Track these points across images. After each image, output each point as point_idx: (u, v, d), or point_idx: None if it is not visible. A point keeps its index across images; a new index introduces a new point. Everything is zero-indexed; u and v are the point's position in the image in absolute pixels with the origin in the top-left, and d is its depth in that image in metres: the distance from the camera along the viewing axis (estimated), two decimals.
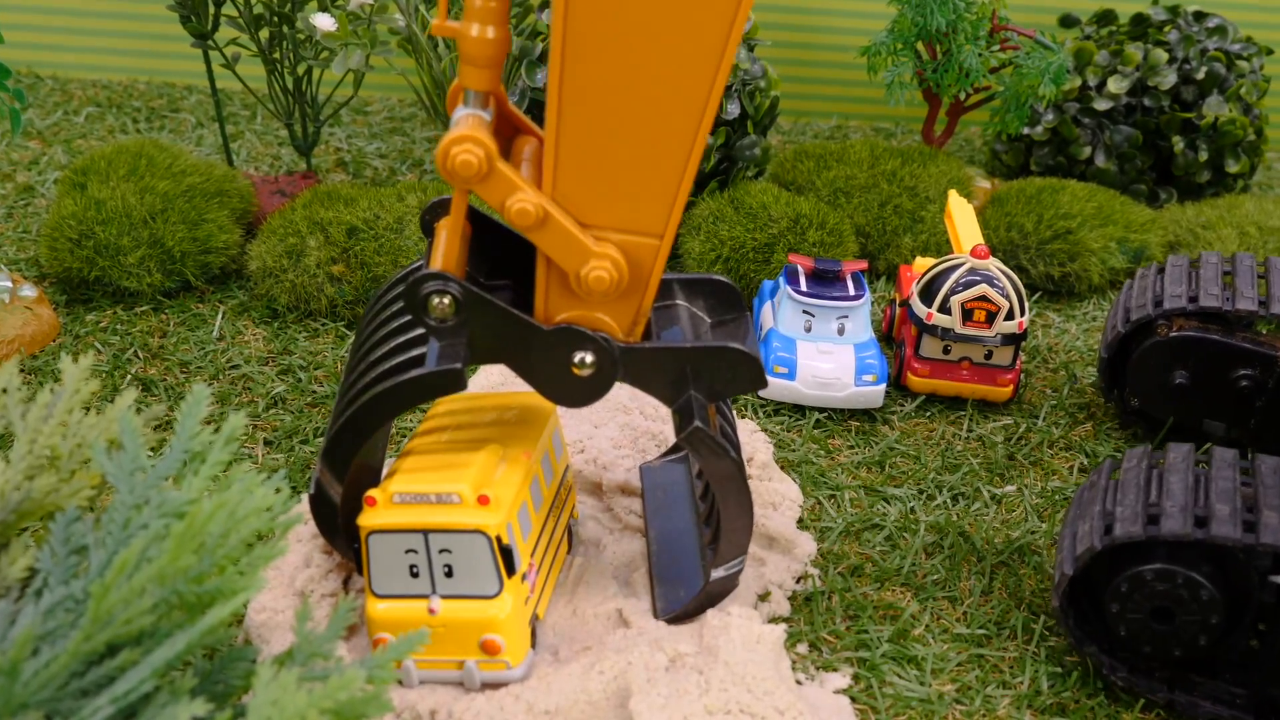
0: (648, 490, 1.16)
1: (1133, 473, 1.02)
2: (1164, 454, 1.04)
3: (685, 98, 0.82)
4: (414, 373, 0.89)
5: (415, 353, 0.92)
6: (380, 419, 0.92)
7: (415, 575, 0.92)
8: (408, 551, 0.91)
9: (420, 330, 0.94)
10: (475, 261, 0.96)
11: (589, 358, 0.90)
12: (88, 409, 0.84)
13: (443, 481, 0.91)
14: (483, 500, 0.90)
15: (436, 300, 0.87)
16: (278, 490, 0.72)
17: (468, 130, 0.83)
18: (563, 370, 0.91)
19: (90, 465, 0.79)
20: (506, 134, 0.96)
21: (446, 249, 0.89)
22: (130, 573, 0.67)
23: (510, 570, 0.91)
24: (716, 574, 0.99)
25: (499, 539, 0.90)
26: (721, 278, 1.01)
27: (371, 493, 0.91)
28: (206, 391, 0.77)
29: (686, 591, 1.03)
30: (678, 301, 1.02)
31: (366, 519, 0.91)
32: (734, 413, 1.06)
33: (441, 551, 0.90)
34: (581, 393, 0.93)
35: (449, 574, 0.91)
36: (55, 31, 2.24)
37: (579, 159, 0.84)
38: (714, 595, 1.01)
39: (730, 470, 0.94)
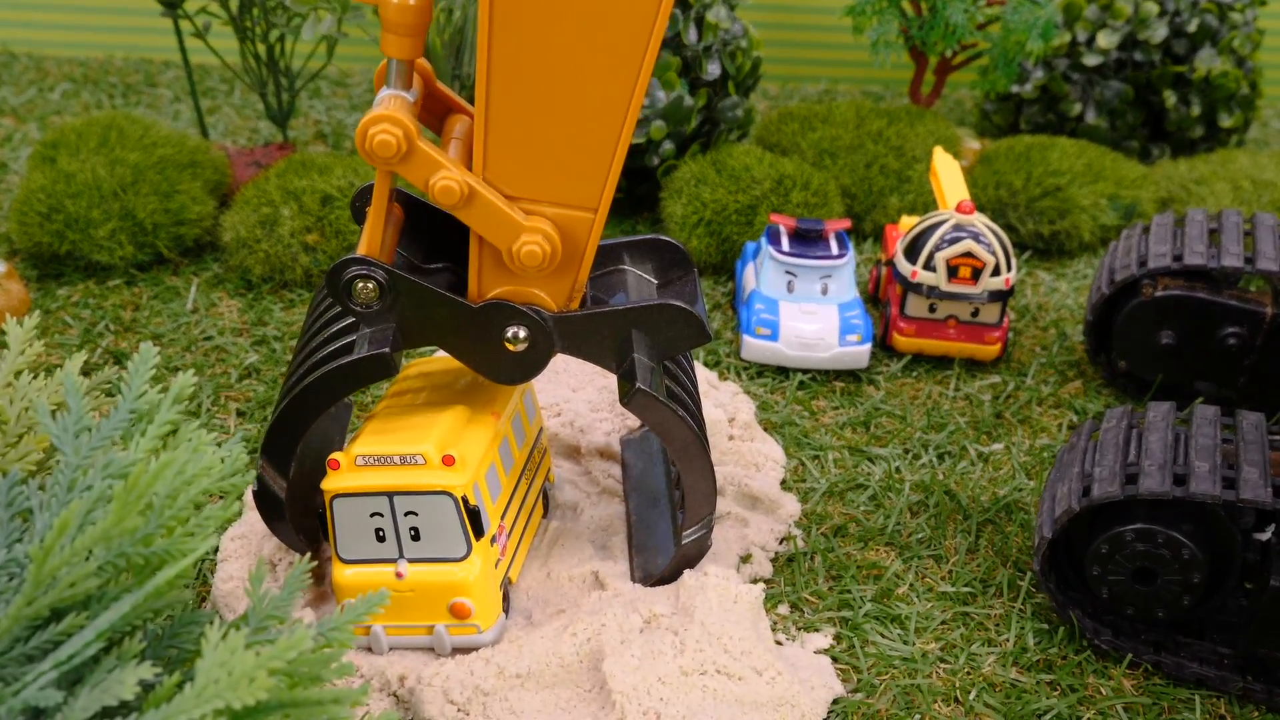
0: (627, 462, 1.14)
1: (1112, 433, 1.00)
2: (1144, 413, 1.01)
3: (617, 68, 0.79)
4: (340, 361, 0.88)
5: (348, 340, 0.90)
6: (314, 410, 0.90)
7: (381, 539, 0.90)
8: (373, 515, 0.89)
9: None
10: (412, 245, 0.95)
11: (521, 332, 0.89)
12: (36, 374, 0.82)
13: (407, 443, 0.89)
14: (448, 461, 0.88)
15: (360, 285, 0.86)
16: (223, 459, 0.69)
17: (385, 110, 0.81)
18: (496, 347, 0.90)
19: (37, 429, 0.77)
20: (439, 113, 0.94)
21: (370, 233, 0.87)
22: (73, 535, 0.65)
23: (478, 532, 0.89)
24: (687, 536, 0.97)
25: (465, 500, 0.88)
26: (667, 238, 0.99)
27: (335, 456, 0.89)
28: (154, 350, 0.74)
29: (663, 558, 1.00)
30: (624, 266, 0.99)
31: (330, 483, 0.89)
32: (693, 368, 1.03)
33: (407, 514, 0.88)
34: (519, 368, 0.91)
35: (415, 537, 0.89)
36: (30, 8, 2.21)
37: (509, 134, 0.82)
38: (689, 558, 0.99)
39: (681, 431, 0.91)
